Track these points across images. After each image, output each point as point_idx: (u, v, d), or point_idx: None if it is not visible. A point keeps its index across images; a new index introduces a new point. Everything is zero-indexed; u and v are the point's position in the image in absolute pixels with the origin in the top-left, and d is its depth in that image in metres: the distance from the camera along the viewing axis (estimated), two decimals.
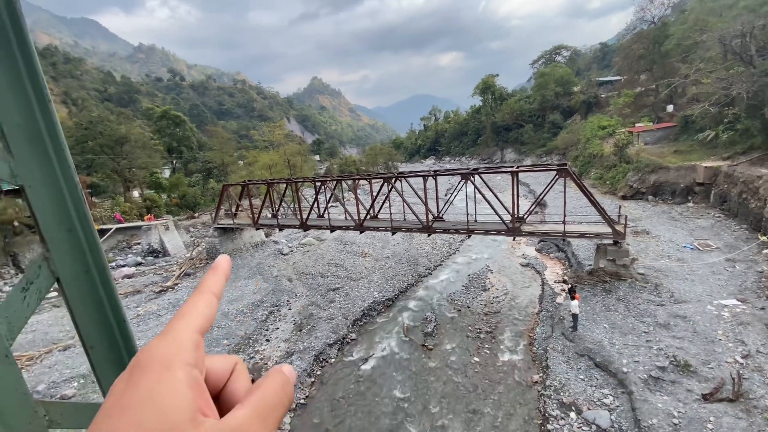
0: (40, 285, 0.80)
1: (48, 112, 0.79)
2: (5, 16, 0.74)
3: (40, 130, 0.79)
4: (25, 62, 0.77)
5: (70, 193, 0.83)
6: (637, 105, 45.10)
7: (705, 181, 24.89)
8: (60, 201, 0.82)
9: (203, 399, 0.41)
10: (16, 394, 0.76)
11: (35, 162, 0.79)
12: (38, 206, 0.80)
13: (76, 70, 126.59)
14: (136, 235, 32.59)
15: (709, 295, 14.15)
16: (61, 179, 0.82)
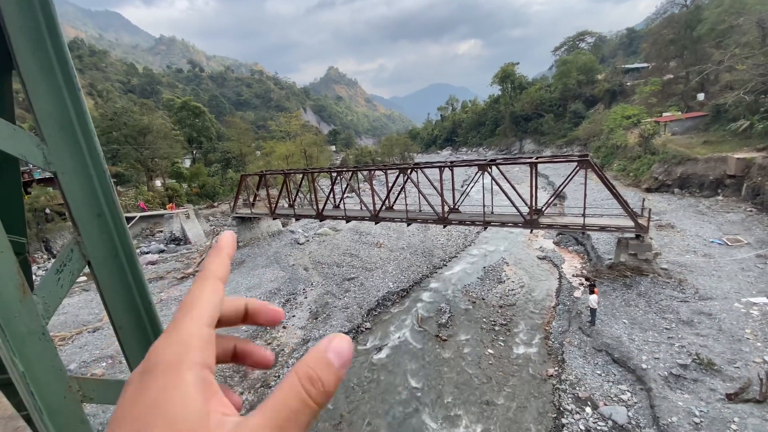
0: (72, 267, 0.84)
1: (78, 101, 0.82)
2: (38, 8, 0.77)
3: (71, 118, 0.82)
4: (56, 52, 0.80)
5: (99, 179, 0.86)
6: (665, 93, 43.28)
7: (737, 173, 23.80)
8: (90, 187, 0.86)
9: (216, 401, 0.38)
10: (52, 369, 0.81)
11: (66, 149, 0.82)
12: (70, 192, 0.84)
13: (101, 63, 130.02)
14: (159, 223, 33.58)
15: (737, 292, 13.64)
16: (90, 166, 0.85)
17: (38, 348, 0.78)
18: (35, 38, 0.77)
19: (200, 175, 47.51)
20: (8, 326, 0.71)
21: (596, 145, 45.76)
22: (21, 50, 0.75)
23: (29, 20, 0.75)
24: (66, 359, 13.96)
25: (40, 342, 0.78)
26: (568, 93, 65.32)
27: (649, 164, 31.40)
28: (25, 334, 0.74)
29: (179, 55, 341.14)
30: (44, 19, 0.78)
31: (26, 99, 0.78)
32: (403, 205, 19.26)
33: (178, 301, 18.60)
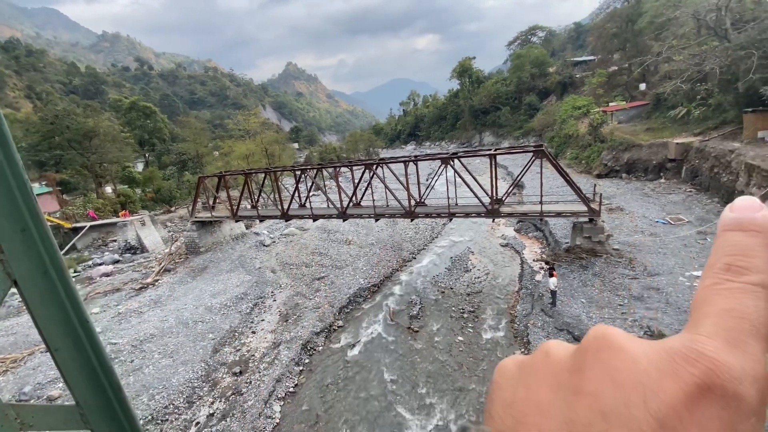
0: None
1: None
2: None
3: None
4: None
5: (20, 190, 0.79)
6: (611, 84, 45.95)
7: (676, 157, 25.76)
8: (11, 200, 0.79)
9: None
10: None
11: None
12: None
13: (39, 63, 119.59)
14: (112, 232, 31.55)
15: (681, 267, 14.81)
16: (9, 177, 0.78)
17: None
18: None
19: (154, 179, 45.07)
20: None
21: (550, 136, 47.87)
22: None
23: None
24: (19, 381, 12.93)
25: None
26: (523, 86, 67.77)
27: (598, 152, 33.30)
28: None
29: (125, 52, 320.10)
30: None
31: None
32: (371, 201, 19.27)
33: (138, 313, 17.61)
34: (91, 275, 24.10)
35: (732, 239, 0.32)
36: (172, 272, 23.05)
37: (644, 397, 0.26)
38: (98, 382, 0.94)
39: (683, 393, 0.26)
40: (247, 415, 11.17)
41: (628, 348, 0.30)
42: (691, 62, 26.15)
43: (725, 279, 0.30)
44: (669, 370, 0.27)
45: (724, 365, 0.26)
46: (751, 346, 0.26)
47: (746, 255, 0.30)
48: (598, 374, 0.29)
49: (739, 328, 0.27)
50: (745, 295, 0.28)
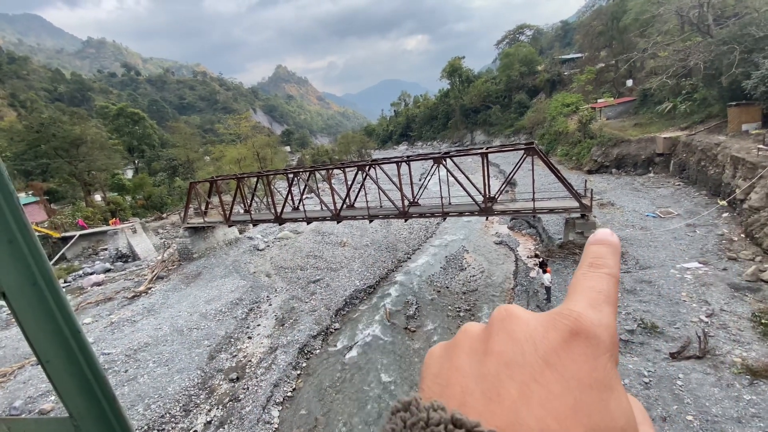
0: None
1: None
2: None
3: None
4: None
5: (6, 201, 0.77)
6: (599, 81, 46.52)
7: (664, 151, 26.13)
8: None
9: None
10: None
11: None
12: None
13: (22, 70, 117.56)
14: (102, 240, 31.11)
15: (672, 259, 15.00)
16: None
17: None
18: None
19: (145, 186, 44.62)
20: None
21: (541, 133, 48.29)
22: None
23: None
24: (10, 396, 12.69)
25: None
26: (512, 84, 68.27)
27: (588, 148, 33.66)
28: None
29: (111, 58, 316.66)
30: None
31: None
32: (364, 203, 19.26)
33: (131, 322, 17.38)
34: (82, 285, 23.74)
35: (594, 249, 0.46)
36: (165, 279, 22.80)
37: (534, 346, 0.36)
38: (92, 393, 0.92)
39: (560, 338, 0.36)
40: (245, 421, 11.08)
41: (523, 316, 0.41)
42: (675, 58, 26.55)
43: (589, 271, 0.43)
44: (551, 325, 0.38)
45: (587, 316, 0.37)
46: (605, 308, 0.39)
47: (602, 257, 0.45)
48: (502, 337, 0.39)
49: (597, 297, 0.40)
50: (601, 279, 0.42)
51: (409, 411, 0.35)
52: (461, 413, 0.31)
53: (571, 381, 0.33)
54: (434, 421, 0.30)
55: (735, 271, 13.24)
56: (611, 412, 0.33)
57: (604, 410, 0.33)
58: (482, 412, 0.33)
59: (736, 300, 11.81)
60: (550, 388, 0.33)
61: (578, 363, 0.35)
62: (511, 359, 0.36)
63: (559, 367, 0.34)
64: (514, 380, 0.34)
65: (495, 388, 0.34)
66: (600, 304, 0.40)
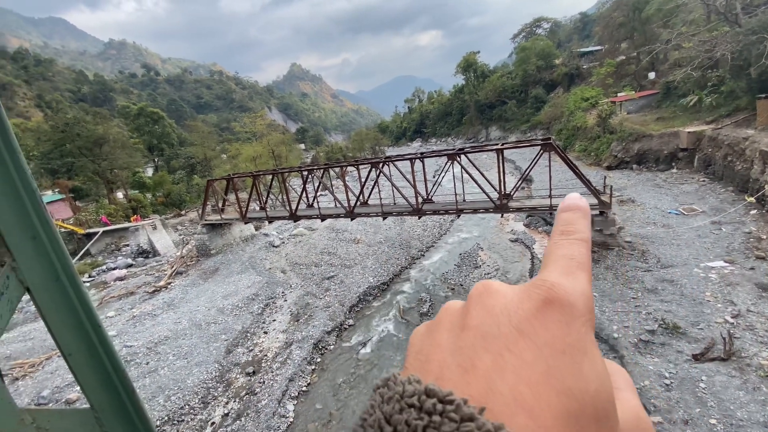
0: (10, 296, 0.78)
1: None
2: None
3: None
4: None
5: (29, 199, 0.80)
6: (619, 74, 45.20)
7: (688, 146, 25.24)
8: (20, 208, 0.80)
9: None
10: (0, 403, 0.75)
11: None
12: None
13: (47, 72, 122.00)
14: (124, 236, 32.08)
15: (696, 258, 14.53)
16: (19, 185, 0.79)
17: None
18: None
19: (164, 184, 45.66)
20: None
21: (558, 128, 47.30)
22: None
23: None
24: (38, 385, 13.25)
25: None
26: (529, 79, 67.02)
27: (608, 143, 32.80)
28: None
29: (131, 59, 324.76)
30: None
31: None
32: (378, 200, 19.27)
33: (151, 316, 17.88)
34: (105, 279, 24.55)
35: (564, 216, 0.46)
36: (184, 275, 23.36)
37: (509, 317, 0.37)
38: (112, 385, 0.95)
39: (534, 307, 0.36)
40: (261, 414, 11.28)
41: (500, 289, 0.42)
42: (701, 49, 25.53)
43: (561, 239, 0.43)
44: (526, 295, 0.38)
45: (560, 284, 0.38)
46: (578, 274, 0.39)
47: (572, 224, 0.45)
48: (479, 311, 0.39)
49: (570, 265, 0.40)
50: (573, 245, 0.42)
51: (387, 386, 0.35)
52: (435, 384, 0.31)
53: (544, 348, 0.34)
54: (408, 393, 0.31)
55: (763, 270, 12.72)
56: (584, 375, 0.33)
57: (576, 374, 0.33)
58: (457, 383, 0.33)
59: (764, 300, 11.37)
60: (523, 356, 0.33)
61: (551, 330, 0.35)
62: (486, 331, 0.37)
63: (532, 335, 0.35)
64: (489, 351, 0.35)
65: (470, 360, 0.35)
66: (573, 270, 0.40)
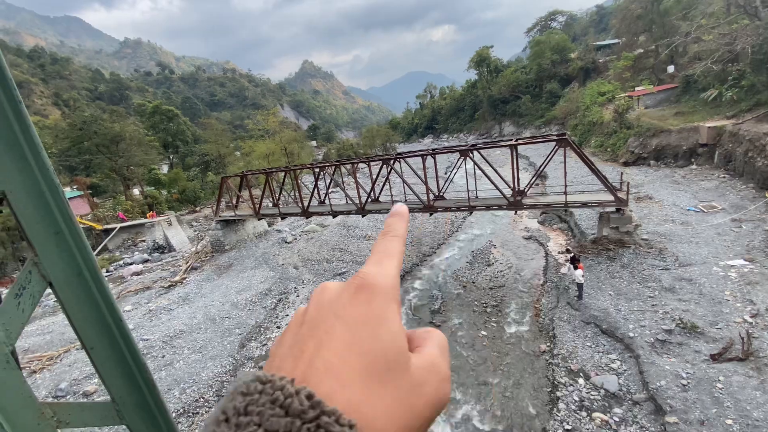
0: (32, 290, 0.80)
1: (20, 114, 0.77)
2: None
3: (15, 132, 0.77)
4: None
5: (52, 195, 0.81)
6: (637, 68, 44.07)
7: (708, 141, 24.52)
8: (43, 204, 0.81)
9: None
10: (20, 397, 0.77)
11: (13, 166, 0.77)
12: (22, 211, 0.79)
13: (64, 71, 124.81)
14: (140, 232, 32.80)
15: (715, 256, 14.15)
16: (41, 182, 0.80)
17: (3, 377, 0.75)
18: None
19: (179, 180, 46.45)
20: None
21: (573, 123, 46.44)
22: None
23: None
24: (56, 378, 13.64)
25: (5, 371, 0.75)
26: (544, 73, 65.87)
27: (625, 138, 32.08)
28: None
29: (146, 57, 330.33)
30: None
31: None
32: (389, 196, 19.25)
33: (167, 310, 18.27)
34: (122, 274, 25.15)
35: (388, 221, 0.55)
36: (198, 270, 23.77)
37: (331, 307, 0.43)
38: (133, 378, 0.97)
39: (349, 294, 0.44)
40: None
41: (330, 286, 0.48)
42: (721, 42, 24.76)
43: (381, 239, 0.52)
44: (345, 287, 0.45)
45: (368, 272, 0.46)
46: (385, 262, 0.48)
47: (391, 225, 0.54)
48: (312, 307, 0.45)
49: (381, 256, 0.49)
50: (387, 241, 0.52)
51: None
52: (266, 372, 0.36)
53: (351, 324, 0.41)
54: (240, 383, 0.34)
55: None
56: (380, 338, 0.40)
57: (374, 338, 0.40)
58: (290, 371, 0.38)
59: None
60: (336, 335, 0.40)
61: (358, 308, 0.42)
62: (315, 323, 0.42)
63: (345, 316, 0.42)
64: (314, 338, 0.40)
65: (300, 349, 0.40)
66: (382, 260, 0.48)
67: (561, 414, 9.63)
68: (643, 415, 9.04)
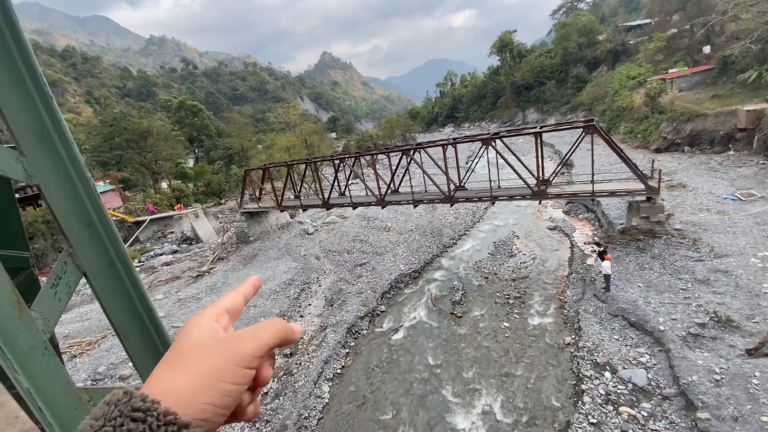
0: (68, 280, 0.83)
1: (52, 110, 0.79)
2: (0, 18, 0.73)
3: (48, 128, 0.79)
4: (24, 62, 0.76)
5: (84, 188, 0.84)
6: (671, 49, 41.75)
7: (747, 126, 23.08)
8: (76, 197, 0.84)
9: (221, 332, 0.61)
10: (59, 383, 0.80)
11: (47, 160, 0.80)
12: (56, 204, 0.82)
13: (95, 69, 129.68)
14: (169, 224, 34.00)
15: (753, 247, 13.43)
16: (74, 175, 0.82)
17: (42, 363, 0.78)
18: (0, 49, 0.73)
19: (205, 174, 47.73)
20: (8, 344, 0.71)
21: (601, 109, 44.67)
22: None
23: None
24: (94, 362, 14.43)
25: (44, 357, 0.78)
26: (569, 57, 63.45)
27: (657, 124, 30.61)
28: (27, 351, 0.74)
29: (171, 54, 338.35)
30: (8, 28, 0.74)
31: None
32: (409, 187, 19.15)
33: (196, 299, 18.99)
34: (153, 265, 26.21)
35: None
36: (225, 261, 24.49)
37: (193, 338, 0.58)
38: None
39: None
40: (298, 394, 11.75)
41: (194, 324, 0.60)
42: (760, 20, 23.18)
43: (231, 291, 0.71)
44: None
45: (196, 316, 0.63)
46: (212, 306, 0.65)
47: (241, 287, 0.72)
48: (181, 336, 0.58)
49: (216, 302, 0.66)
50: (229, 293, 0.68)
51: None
52: (131, 389, 0.47)
53: (175, 344, 0.57)
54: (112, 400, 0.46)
55: None
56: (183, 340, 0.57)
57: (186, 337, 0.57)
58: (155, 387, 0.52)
59: None
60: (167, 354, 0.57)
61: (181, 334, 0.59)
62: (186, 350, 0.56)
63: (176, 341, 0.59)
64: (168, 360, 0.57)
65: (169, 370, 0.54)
66: (214, 304, 0.66)
67: (586, 407, 9.46)
68: (672, 411, 8.76)
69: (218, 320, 0.62)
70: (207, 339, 0.57)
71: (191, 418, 0.47)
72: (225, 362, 0.55)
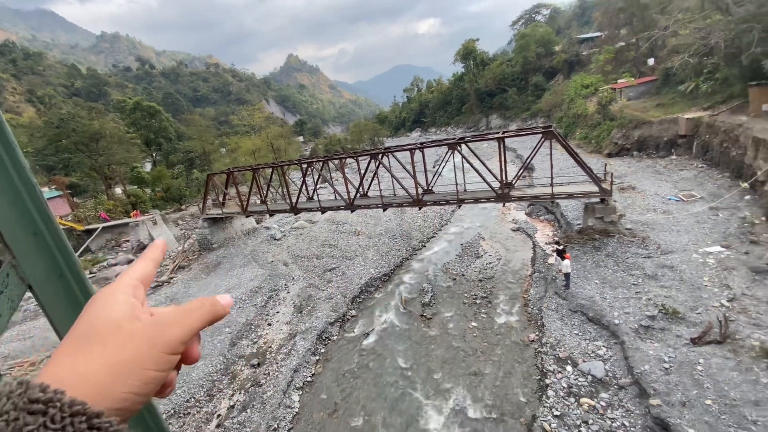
0: (10, 294, 0.76)
1: None
2: None
3: None
4: None
5: (29, 194, 0.77)
6: (619, 60, 44.69)
7: (687, 132, 25.09)
8: (20, 203, 0.77)
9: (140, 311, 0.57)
10: None
11: None
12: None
13: (37, 66, 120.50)
14: (124, 232, 32.05)
15: (695, 243, 14.56)
16: (17, 181, 0.76)
17: None
18: None
19: (163, 179, 45.47)
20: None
21: (559, 116, 46.96)
22: None
23: None
24: None
25: None
26: (529, 66, 66.30)
27: (608, 130, 32.59)
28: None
29: (125, 52, 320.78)
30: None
31: None
32: (378, 191, 19.21)
33: None
34: (106, 276, 24.59)
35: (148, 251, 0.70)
36: (186, 269, 23.41)
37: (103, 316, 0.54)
38: None
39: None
40: (266, 405, 11.41)
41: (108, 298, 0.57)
42: (697, 36, 25.36)
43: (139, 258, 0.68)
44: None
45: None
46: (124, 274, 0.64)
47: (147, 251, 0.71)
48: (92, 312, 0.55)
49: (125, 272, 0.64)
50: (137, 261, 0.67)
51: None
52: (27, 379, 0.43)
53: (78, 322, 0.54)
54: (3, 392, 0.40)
55: (756, 254, 12.79)
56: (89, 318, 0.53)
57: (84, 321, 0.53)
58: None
59: (757, 284, 11.50)
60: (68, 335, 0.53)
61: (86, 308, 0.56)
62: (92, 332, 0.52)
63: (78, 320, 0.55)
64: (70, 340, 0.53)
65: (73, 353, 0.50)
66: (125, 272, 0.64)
67: (550, 401, 9.85)
68: (628, 399, 9.30)
69: (135, 294, 0.59)
70: (125, 319, 0.53)
71: (107, 408, 0.44)
72: (150, 348, 0.51)
